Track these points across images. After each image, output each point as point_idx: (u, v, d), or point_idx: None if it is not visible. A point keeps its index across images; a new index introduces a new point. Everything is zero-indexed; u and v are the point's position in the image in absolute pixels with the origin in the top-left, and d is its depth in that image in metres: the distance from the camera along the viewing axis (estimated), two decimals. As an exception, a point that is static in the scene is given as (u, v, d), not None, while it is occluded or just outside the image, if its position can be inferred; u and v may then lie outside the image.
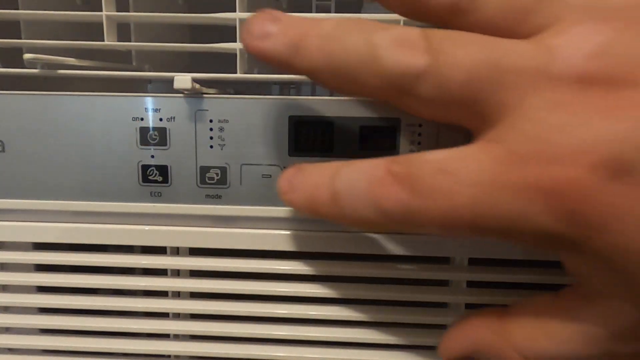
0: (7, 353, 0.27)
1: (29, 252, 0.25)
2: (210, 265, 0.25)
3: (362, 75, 0.16)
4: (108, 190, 0.23)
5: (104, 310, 0.25)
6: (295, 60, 0.17)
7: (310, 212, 0.19)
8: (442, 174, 0.15)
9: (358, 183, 0.17)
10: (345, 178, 0.17)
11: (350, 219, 0.17)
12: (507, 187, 0.15)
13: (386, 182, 0.16)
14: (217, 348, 0.26)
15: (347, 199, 0.17)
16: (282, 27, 0.17)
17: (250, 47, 0.17)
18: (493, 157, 0.15)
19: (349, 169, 0.17)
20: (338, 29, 0.17)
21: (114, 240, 0.24)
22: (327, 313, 0.25)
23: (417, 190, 0.16)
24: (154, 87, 0.31)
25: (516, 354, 0.18)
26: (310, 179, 0.19)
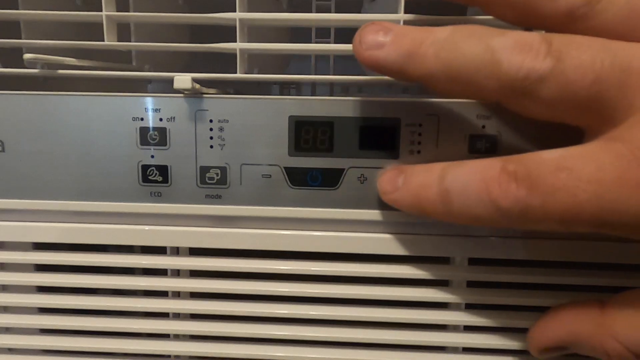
0: (7, 353, 0.27)
1: (29, 252, 0.25)
2: (210, 265, 0.25)
3: (481, 78, 0.17)
4: (108, 190, 0.23)
5: (104, 310, 0.25)
6: (409, 68, 0.18)
7: (417, 210, 0.20)
8: (563, 171, 0.16)
9: (471, 181, 0.18)
10: (455, 177, 0.18)
11: (461, 217, 0.18)
12: (631, 183, 0.15)
13: (502, 180, 0.17)
14: (217, 348, 0.26)
15: (458, 198, 0.18)
16: (394, 37, 0.18)
17: (364, 56, 0.18)
18: (616, 155, 0.16)
19: (460, 168, 0.18)
20: (454, 35, 0.17)
21: (114, 240, 0.24)
22: (327, 313, 0.25)
23: (536, 187, 0.16)
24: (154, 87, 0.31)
25: (618, 344, 0.18)
26: (416, 179, 0.20)
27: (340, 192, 0.23)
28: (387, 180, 0.21)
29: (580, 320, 0.20)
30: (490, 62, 0.17)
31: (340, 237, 0.24)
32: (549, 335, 0.21)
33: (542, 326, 0.21)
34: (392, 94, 0.23)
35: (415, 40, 0.18)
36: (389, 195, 0.21)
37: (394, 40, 0.18)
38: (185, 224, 0.24)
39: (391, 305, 0.25)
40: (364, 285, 0.24)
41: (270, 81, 0.23)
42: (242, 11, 0.22)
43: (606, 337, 0.19)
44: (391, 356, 0.25)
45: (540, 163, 0.17)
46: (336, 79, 0.23)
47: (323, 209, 0.23)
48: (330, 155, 0.22)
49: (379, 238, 0.24)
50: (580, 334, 0.20)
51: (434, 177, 0.19)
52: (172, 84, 0.21)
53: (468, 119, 0.22)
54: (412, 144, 0.22)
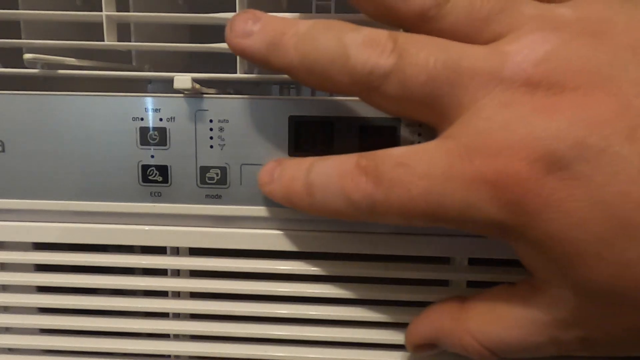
0: (7, 353, 0.27)
1: (29, 252, 0.25)
2: (210, 265, 0.25)
3: (334, 73, 0.17)
4: (108, 190, 0.23)
5: (104, 310, 0.25)
6: (272, 58, 0.18)
7: (287, 203, 0.20)
8: (401, 167, 0.17)
9: (330, 176, 0.18)
10: (318, 171, 0.19)
11: (322, 210, 0.19)
12: (457, 178, 0.16)
13: (355, 174, 0.18)
14: (217, 348, 0.26)
15: (319, 191, 0.19)
16: (262, 26, 0.18)
17: (232, 44, 0.19)
18: (445, 151, 0.16)
19: (323, 163, 0.19)
20: (313, 28, 0.18)
21: (114, 240, 0.24)
22: (327, 313, 0.25)
23: (380, 182, 0.17)
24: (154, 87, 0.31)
25: (472, 339, 0.19)
26: (288, 172, 0.20)
27: (340, 192, 0.23)
28: (265, 172, 0.21)
29: (442, 316, 0.21)
30: (341, 56, 0.17)
31: (340, 237, 0.24)
32: (418, 331, 0.22)
33: (413, 323, 0.22)
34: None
35: (278, 31, 0.18)
36: (266, 186, 0.21)
37: (261, 29, 0.18)
38: (185, 224, 0.24)
39: (391, 305, 0.25)
40: (363, 285, 0.24)
41: (270, 81, 0.23)
42: (242, 11, 0.22)
43: (462, 333, 0.19)
44: (391, 356, 0.25)
45: (386, 158, 0.17)
46: (336, 79, 0.23)
47: (323, 209, 0.23)
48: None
49: (378, 238, 0.24)
50: (441, 330, 0.20)
51: (302, 170, 0.19)
52: (172, 84, 0.21)
53: (468, 119, 0.22)
54: (412, 144, 0.22)
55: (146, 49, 0.24)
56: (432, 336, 0.21)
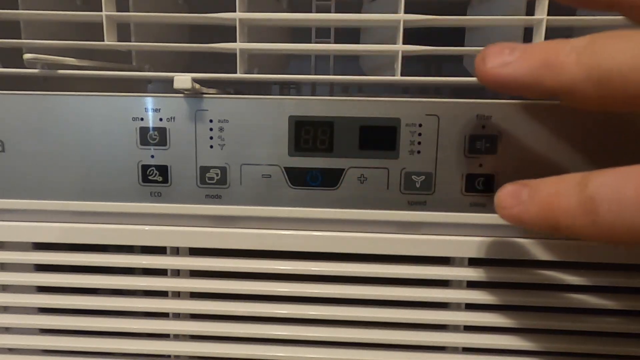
0: (7, 353, 0.27)
1: (29, 252, 0.25)
2: (210, 265, 0.25)
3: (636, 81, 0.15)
4: (108, 190, 0.23)
5: (104, 310, 0.25)
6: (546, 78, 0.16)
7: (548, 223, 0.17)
8: None
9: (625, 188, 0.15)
10: (601, 182, 0.16)
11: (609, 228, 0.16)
12: None
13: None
14: (217, 348, 0.26)
15: (608, 206, 0.15)
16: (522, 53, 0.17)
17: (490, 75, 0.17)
18: None
19: (604, 174, 0.16)
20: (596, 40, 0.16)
21: (114, 240, 0.24)
22: (327, 313, 0.25)
23: None
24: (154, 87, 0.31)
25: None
26: (546, 189, 0.17)
27: (340, 192, 0.23)
28: (507, 194, 0.18)
29: None
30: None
31: (340, 237, 0.24)
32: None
33: None
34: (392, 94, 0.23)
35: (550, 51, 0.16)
36: (511, 209, 0.18)
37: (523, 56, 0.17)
38: (185, 224, 0.24)
39: (391, 305, 0.25)
40: (363, 285, 0.24)
41: (270, 81, 0.23)
42: (242, 11, 0.22)
43: None
44: (391, 356, 0.25)
45: None
46: (336, 79, 0.23)
47: (323, 209, 0.23)
48: (330, 155, 0.22)
49: (379, 238, 0.24)
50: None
51: (571, 185, 0.16)
52: (172, 84, 0.21)
53: (468, 119, 0.22)
54: (412, 144, 0.22)
55: (146, 49, 0.24)
56: None
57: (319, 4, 0.30)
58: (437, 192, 0.23)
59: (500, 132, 0.22)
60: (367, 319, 0.25)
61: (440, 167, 0.22)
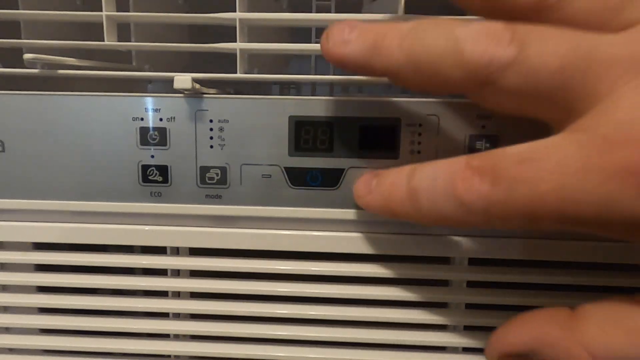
0: (7, 353, 0.27)
1: (29, 252, 0.25)
2: (210, 265, 0.25)
3: (445, 68, 0.17)
4: (108, 190, 0.23)
5: (104, 310, 0.25)
6: (375, 61, 0.18)
7: (387, 212, 0.19)
8: (526, 163, 0.15)
9: (437, 179, 0.17)
10: (422, 175, 0.18)
11: (428, 216, 0.18)
12: (597, 171, 0.14)
13: (466, 175, 0.16)
14: (217, 348, 0.26)
15: (425, 195, 0.18)
16: (359, 33, 0.18)
17: (331, 53, 0.18)
18: (580, 145, 0.15)
19: (427, 167, 0.18)
20: (418, 27, 0.17)
21: (114, 240, 0.24)
22: (327, 313, 0.25)
23: (499, 180, 0.16)
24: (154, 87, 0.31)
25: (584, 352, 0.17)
26: (387, 180, 0.19)
27: (340, 192, 0.23)
28: (361, 183, 0.21)
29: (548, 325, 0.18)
30: (453, 50, 0.16)
31: (340, 237, 0.24)
32: (512, 339, 0.19)
33: (505, 330, 0.19)
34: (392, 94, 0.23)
35: (379, 34, 0.17)
36: (362, 198, 0.21)
37: (359, 35, 0.18)
38: (185, 224, 0.24)
39: (391, 305, 0.25)
40: (363, 285, 0.24)
41: (270, 81, 0.23)
42: (242, 11, 0.22)
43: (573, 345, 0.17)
44: (391, 356, 0.25)
45: (503, 157, 0.16)
46: (336, 79, 0.23)
47: (323, 209, 0.23)
48: (330, 155, 0.22)
49: (379, 238, 0.24)
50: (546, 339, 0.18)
51: (403, 177, 0.19)
52: (172, 84, 0.21)
53: (468, 119, 0.22)
54: (412, 144, 0.22)
55: (146, 49, 0.24)
56: (532, 345, 0.18)
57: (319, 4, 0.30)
58: (437, 192, 0.22)
59: (500, 132, 0.22)
60: (367, 319, 0.25)
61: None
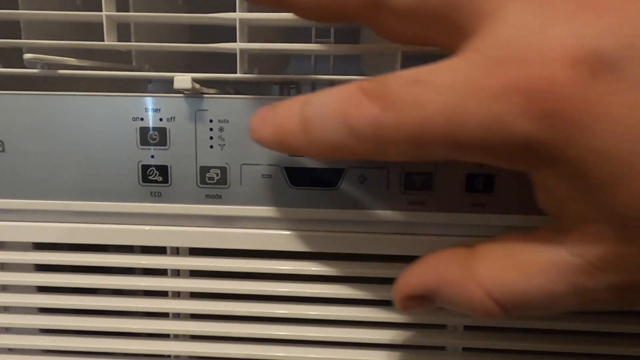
0: (7, 353, 0.27)
1: (29, 252, 0.25)
2: (210, 265, 0.25)
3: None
4: (108, 190, 0.23)
5: (104, 310, 0.25)
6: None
7: (279, 146, 0.18)
8: (415, 84, 0.15)
9: (328, 105, 0.16)
10: (315, 103, 0.17)
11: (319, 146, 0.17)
12: (483, 90, 0.14)
13: (357, 99, 0.15)
14: (217, 348, 0.26)
15: (316, 124, 0.16)
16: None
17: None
18: (468, 64, 0.14)
19: (321, 94, 0.17)
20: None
21: (114, 240, 0.24)
22: (327, 313, 0.25)
23: (388, 103, 0.15)
24: (154, 87, 0.31)
25: (479, 289, 0.17)
26: (282, 112, 0.18)
27: (340, 192, 0.23)
28: (256, 116, 0.19)
29: (445, 263, 0.18)
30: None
31: (340, 237, 0.24)
32: (413, 280, 0.18)
33: (408, 272, 0.19)
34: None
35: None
36: (255, 132, 0.19)
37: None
38: (185, 224, 0.24)
39: (391, 305, 0.25)
40: (363, 285, 0.24)
41: (270, 81, 0.23)
42: (242, 11, 0.22)
43: (469, 281, 0.17)
44: (391, 356, 0.25)
45: (396, 79, 0.15)
46: (336, 79, 0.23)
47: (323, 209, 0.23)
48: (330, 155, 0.22)
49: (378, 238, 0.24)
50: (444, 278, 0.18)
51: (296, 106, 0.17)
52: (172, 84, 0.21)
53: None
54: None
55: (146, 49, 0.24)
56: (431, 285, 0.18)
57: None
58: (437, 192, 0.23)
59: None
60: (367, 319, 0.25)
61: (440, 167, 0.22)
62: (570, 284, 0.15)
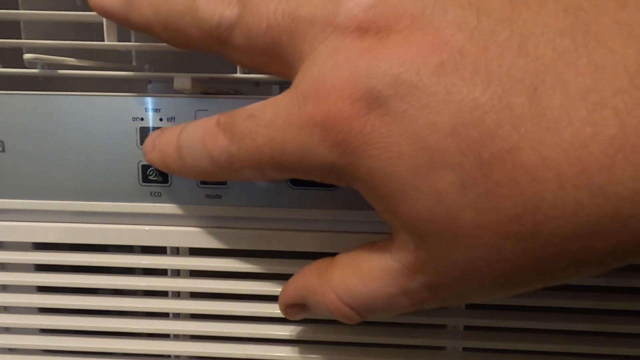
0: (7, 353, 0.27)
1: (29, 252, 0.25)
2: (210, 265, 0.25)
3: (185, 26, 0.18)
4: (108, 190, 0.23)
5: (104, 310, 0.25)
6: (130, 16, 0.19)
7: (164, 168, 0.21)
8: (250, 119, 0.17)
9: (195, 136, 0.19)
10: (187, 132, 0.19)
11: (191, 171, 0.20)
12: (294, 124, 0.16)
13: (215, 131, 0.18)
14: (217, 348, 0.26)
15: (187, 152, 0.19)
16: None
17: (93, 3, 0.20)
18: (287, 100, 0.17)
19: (192, 124, 0.20)
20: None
21: (114, 240, 0.24)
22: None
23: (234, 135, 0.18)
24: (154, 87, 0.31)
25: (334, 295, 0.19)
26: (164, 138, 0.21)
27: (340, 192, 0.23)
28: (148, 141, 0.21)
29: (310, 274, 0.20)
30: (190, 9, 0.18)
31: (340, 237, 0.24)
32: (289, 290, 0.21)
33: (287, 283, 0.21)
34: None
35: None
36: (147, 154, 0.21)
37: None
38: (185, 224, 0.24)
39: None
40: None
41: (270, 81, 0.23)
42: (242, 11, 0.22)
43: (326, 289, 0.19)
44: (391, 356, 0.25)
45: (240, 113, 0.18)
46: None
47: (323, 209, 0.23)
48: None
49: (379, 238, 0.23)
50: (308, 287, 0.20)
51: (175, 134, 0.20)
52: (172, 84, 0.21)
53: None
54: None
55: (146, 49, 0.24)
56: (300, 295, 0.20)
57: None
58: (437, 192, 0.22)
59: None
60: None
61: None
62: (398, 286, 0.17)
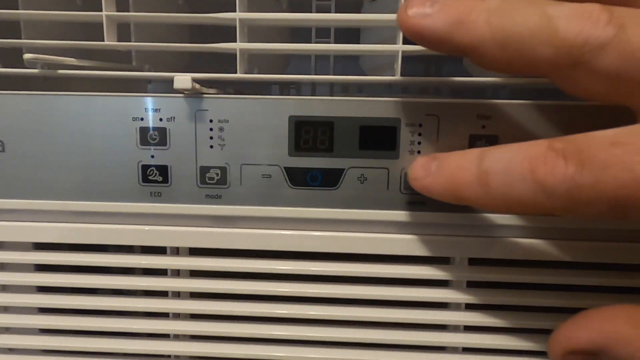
0: (7, 353, 0.27)
1: (29, 252, 0.25)
2: (210, 265, 0.25)
3: (535, 44, 0.16)
4: (108, 190, 0.23)
5: (104, 310, 0.25)
6: (458, 34, 0.17)
7: (452, 194, 0.19)
8: (618, 146, 0.15)
9: (513, 161, 0.17)
10: (495, 158, 0.17)
11: (501, 200, 0.17)
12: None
13: (549, 157, 0.16)
14: (217, 348, 0.26)
15: (498, 178, 0.17)
16: (441, 7, 0.17)
17: (409, 24, 0.18)
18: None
19: (499, 149, 0.17)
20: (507, 3, 0.17)
21: (114, 240, 0.24)
22: (327, 313, 0.25)
23: (587, 163, 0.15)
24: (154, 87, 0.31)
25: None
26: (451, 162, 0.19)
27: (340, 192, 0.23)
28: (419, 166, 0.20)
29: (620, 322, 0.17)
30: (546, 27, 0.16)
31: (340, 237, 0.24)
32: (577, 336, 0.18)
33: (571, 325, 0.18)
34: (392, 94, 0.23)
35: (464, 8, 0.17)
36: (421, 180, 0.20)
37: (441, 9, 0.17)
38: (185, 224, 0.24)
39: (391, 305, 0.25)
40: (364, 285, 0.24)
41: (270, 81, 0.23)
42: (242, 11, 0.22)
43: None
44: (391, 356, 0.25)
45: (591, 140, 0.16)
46: (336, 79, 0.23)
47: (323, 209, 0.23)
48: (330, 155, 0.22)
49: (379, 238, 0.24)
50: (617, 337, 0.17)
51: (471, 159, 0.18)
52: (172, 84, 0.21)
53: (468, 119, 0.22)
54: (412, 144, 0.22)
55: (146, 49, 0.24)
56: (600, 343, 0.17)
57: (319, 4, 0.30)
58: (437, 192, 0.22)
59: (500, 132, 0.22)
60: (367, 319, 0.25)
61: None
62: None
